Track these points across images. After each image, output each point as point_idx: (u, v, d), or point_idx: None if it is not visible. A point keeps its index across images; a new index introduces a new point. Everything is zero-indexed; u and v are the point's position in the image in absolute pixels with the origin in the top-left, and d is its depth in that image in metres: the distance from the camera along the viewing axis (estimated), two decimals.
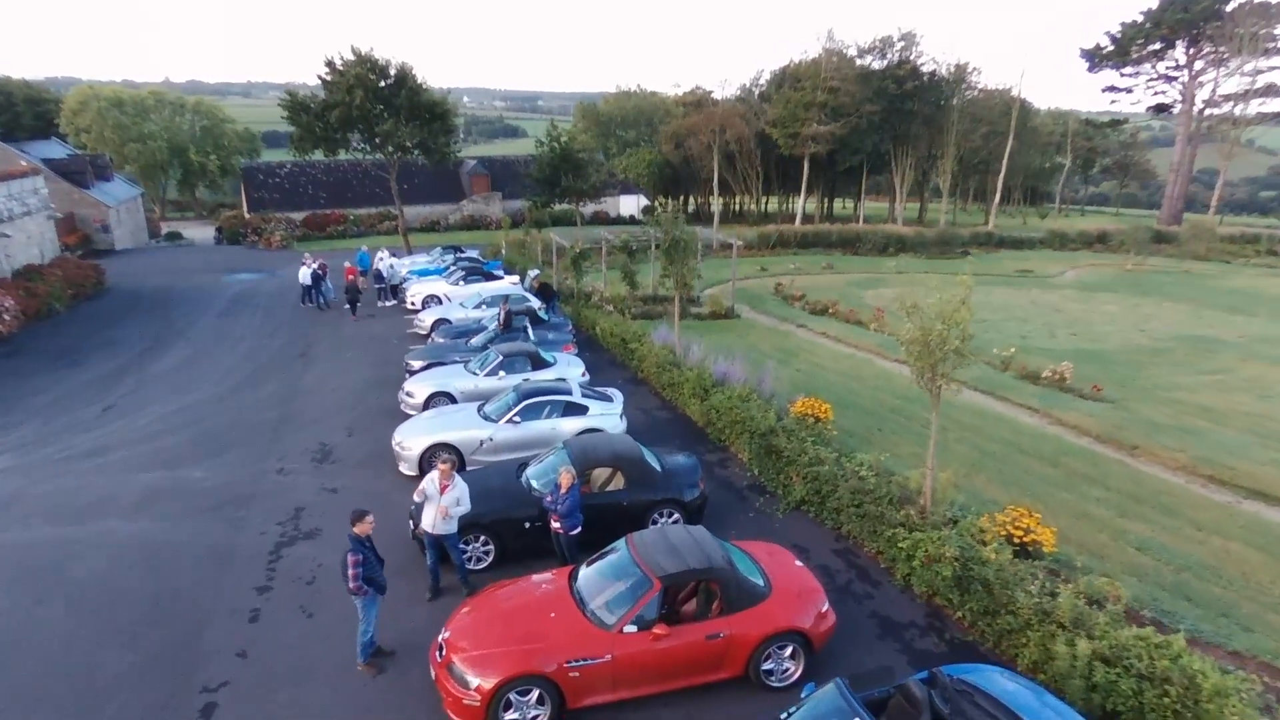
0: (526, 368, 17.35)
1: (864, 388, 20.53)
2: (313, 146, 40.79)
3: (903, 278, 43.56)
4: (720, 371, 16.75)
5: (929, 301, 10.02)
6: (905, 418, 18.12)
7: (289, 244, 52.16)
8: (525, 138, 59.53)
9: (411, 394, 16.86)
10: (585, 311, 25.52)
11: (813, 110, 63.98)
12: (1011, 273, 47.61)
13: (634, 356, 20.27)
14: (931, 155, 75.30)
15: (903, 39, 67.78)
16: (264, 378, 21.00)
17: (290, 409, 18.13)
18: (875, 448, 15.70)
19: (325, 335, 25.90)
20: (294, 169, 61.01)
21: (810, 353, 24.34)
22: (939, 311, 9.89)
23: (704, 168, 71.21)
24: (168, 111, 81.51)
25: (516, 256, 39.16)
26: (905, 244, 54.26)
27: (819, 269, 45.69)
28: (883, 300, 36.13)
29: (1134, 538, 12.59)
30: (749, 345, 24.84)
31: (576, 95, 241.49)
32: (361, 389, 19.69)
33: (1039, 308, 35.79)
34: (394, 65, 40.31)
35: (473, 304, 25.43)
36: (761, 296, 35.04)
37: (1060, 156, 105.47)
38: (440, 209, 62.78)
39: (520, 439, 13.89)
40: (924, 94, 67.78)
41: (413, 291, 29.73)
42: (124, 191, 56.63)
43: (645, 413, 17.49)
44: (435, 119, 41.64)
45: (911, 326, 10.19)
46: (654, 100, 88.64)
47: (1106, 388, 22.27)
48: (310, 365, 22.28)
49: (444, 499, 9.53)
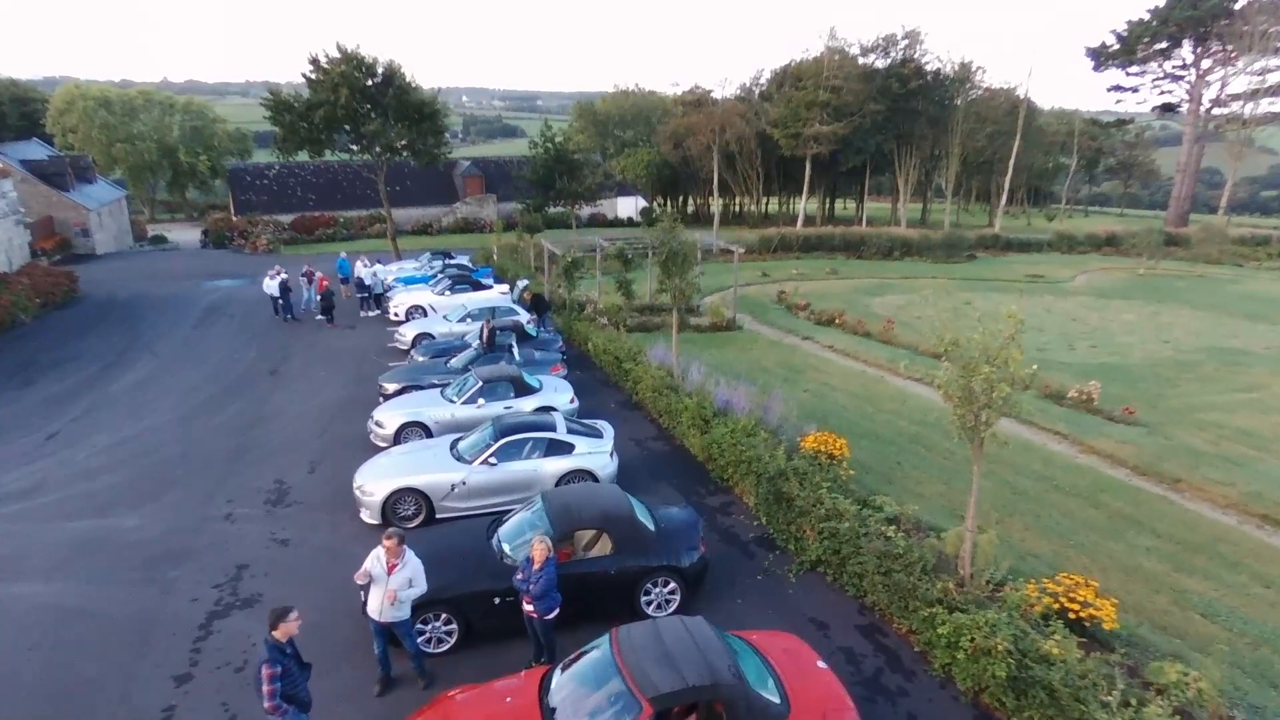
0: (509, 394, 15.74)
1: (879, 411, 18.93)
2: (296, 147, 39.23)
3: (908, 284, 42.01)
4: (722, 399, 15.14)
5: (973, 336, 8.40)
6: (926, 447, 16.52)
7: (275, 248, 50.54)
8: (524, 137, 58.26)
9: (381, 424, 15.24)
10: (577, 325, 23.90)
11: (815, 110, 62.38)
12: (1022, 278, 46.00)
13: (628, 378, 18.67)
14: (935, 155, 73.71)
15: (906, 37, 66.20)
16: (228, 399, 19.39)
17: (251, 437, 16.51)
18: (896, 487, 14.14)
19: (300, 350, 24.29)
20: (282, 170, 59.36)
21: (818, 370, 22.73)
22: (984, 348, 8.27)
23: (703, 168, 69.59)
24: (157, 111, 79.82)
25: (509, 262, 37.56)
26: (911, 247, 52.67)
27: (823, 274, 44.09)
28: (890, 308, 34.61)
29: (1197, 599, 11.00)
30: (752, 361, 23.26)
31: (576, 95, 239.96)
32: (332, 412, 18.09)
33: (1054, 316, 34.20)
34: (381, 64, 38.72)
35: (457, 317, 23.81)
36: (764, 305, 33.44)
37: (1064, 157, 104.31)
38: (433, 211, 61.15)
39: (497, 482, 12.29)
40: (928, 93, 66.20)
41: (396, 302, 28.10)
42: (107, 194, 54.98)
43: (639, 444, 15.88)
44: (424, 119, 40.06)
45: (951, 368, 8.57)
46: (652, 100, 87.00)
47: (1136, 408, 20.70)
48: (280, 384, 20.67)
49: (392, 581, 7.90)
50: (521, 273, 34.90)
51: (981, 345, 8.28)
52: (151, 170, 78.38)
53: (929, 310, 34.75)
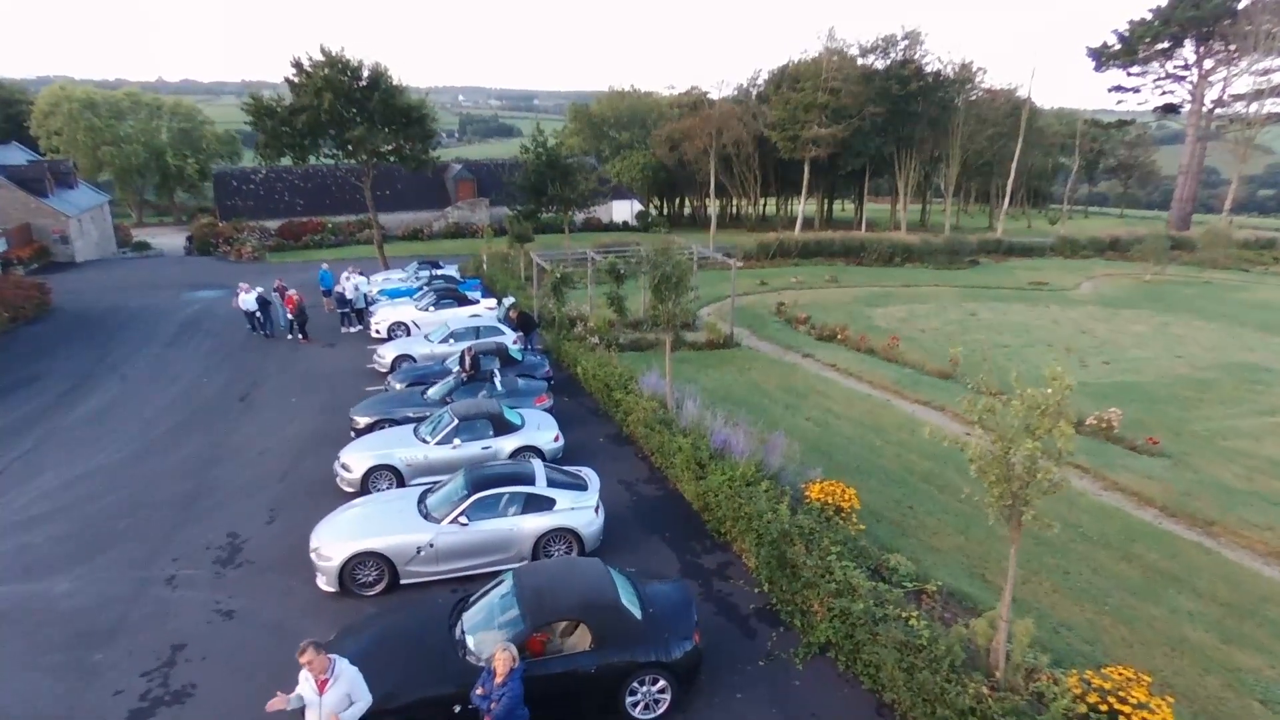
0: (487, 432, 14.49)
1: (886, 443, 17.69)
2: (278, 154, 37.90)
3: (910, 293, 40.83)
4: (719, 439, 13.89)
5: (1013, 402, 7.16)
6: (938, 487, 15.30)
7: (261, 255, 49.21)
8: (520, 137, 57.17)
9: (348, 467, 13.97)
10: (566, 345, 22.61)
11: (813, 112, 61.18)
12: (1025, 285, 44.85)
13: (619, 408, 17.42)
14: (935, 158, 72.56)
15: (906, 37, 64.99)
16: (191, 430, 18.11)
17: (209, 478, 15.24)
18: (910, 539, 12.92)
19: (274, 372, 23.01)
20: (270, 174, 58.03)
21: (821, 393, 21.50)
22: (1027, 416, 7.03)
23: (700, 171, 68.37)
24: (144, 113, 78.43)
25: (499, 273, 36.26)
26: (912, 253, 51.48)
27: (822, 281, 42.90)
28: (893, 320, 33.43)
29: (1251, 680, 9.80)
30: (751, 384, 22.04)
31: (572, 94, 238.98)
32: (300, 447, 16.82)
33: (1062, 328, 33.02)
34: (367, 66, 37.40)
35: (439, 337, 22.54)
36: (762, 318, 32.21)
37: (1065, 157, 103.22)
38: (424, 216, 59.90)
39: (469, 544, 11.04)
40: (928, 95, 65.01)
41: (378, 318, 26.80)
42: (88, 199, 53.56)
43: (629, 487, 14.61)
44: (412, 123, 38.77)
45: (984, 437, 7.34)
46: (648, 101, 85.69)
47: (1157, 433, 19.53)
48: (249, 412, 19.40)
49: (327, 702, 6.65)
50: (511, 284, 33.64)
51: (1024, 414, 7.03)
52: (139, 173, 76.97)
53: (933, 322, 33.66)
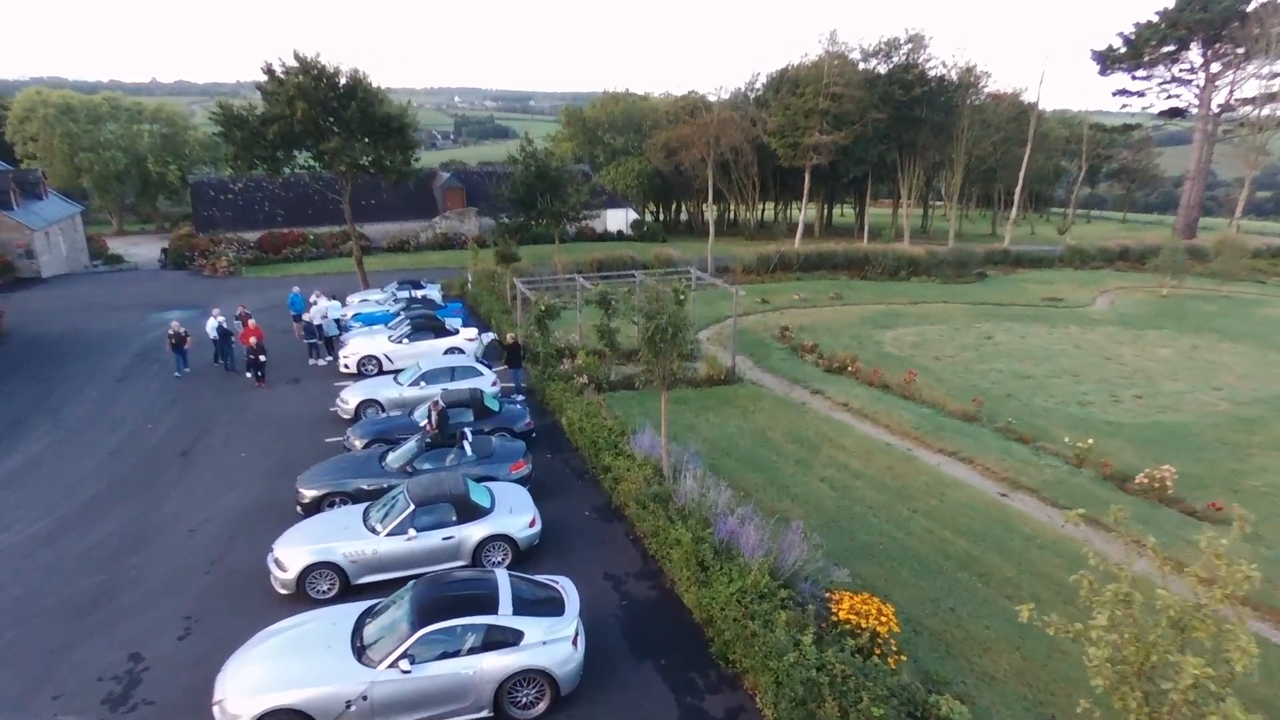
0: (449, 518, 12.22)
1: (915, 514, 15.46)
2: (249, 165, 35.57)
3: (919, 311, 38.69)
4: (726, 530, 11.65)
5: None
6: (980, 577, 13.08)
7: (237, 269, 46.89)
8: (515, 138, 55.23)
9: (282, 564, 11.71)
10: (550, 388, 20.34)
11: (814, 118, 58.98)
12: (1039, 301, 42.80)
13: (608, 474, 15.18)
14: (938, 163, 70.49)
15: (910, 40, 62.95)
16: (118, 498, 15.82)
17: (124, 569, 12.95)
18: (958, 661, 10.70)
19: (226, 417, 20.71)
20: (249, 184, 55.59)
21: (835, 443, 19.27)
22: (1180, 615, 4.83)
23: (697, 177, 66.18)
24: (125, 118, 75.90)
25: (484, 294, 34.00)
26: (918, 266, 49.42)
27: (826, 298, 40.77)
28: (904, 345, 31.28)
29: None
30: (756, 431, 19.82)
31: (568, 95, 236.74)
32: (238, 523, 14.53)
33: (1085, 354, 30.90)
34: (344, 73, 35.07)
35: (410, 378, 20.26)
36: (765, 344, 30.01)
37: (1066, 161, 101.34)
38: (410, 226, 57.59)
39: (414, 694, 8.77)
40: (933, 99, 62.91)
41: (347, 351, 24.45)
42: (57, 211, 51.17)
43: (617, 585, 12.31)
44: (392, 133, 36.45)
45: (1104, 641, 5.12)
46: (644, 105, 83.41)
47: (1213, 491, 17.40)
48: (189, 471, 17.12)
49: None
50: (496, 307, 31.41)
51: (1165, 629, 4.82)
52: (119, 180, 74.43)
53: (947, 348, 31.51)
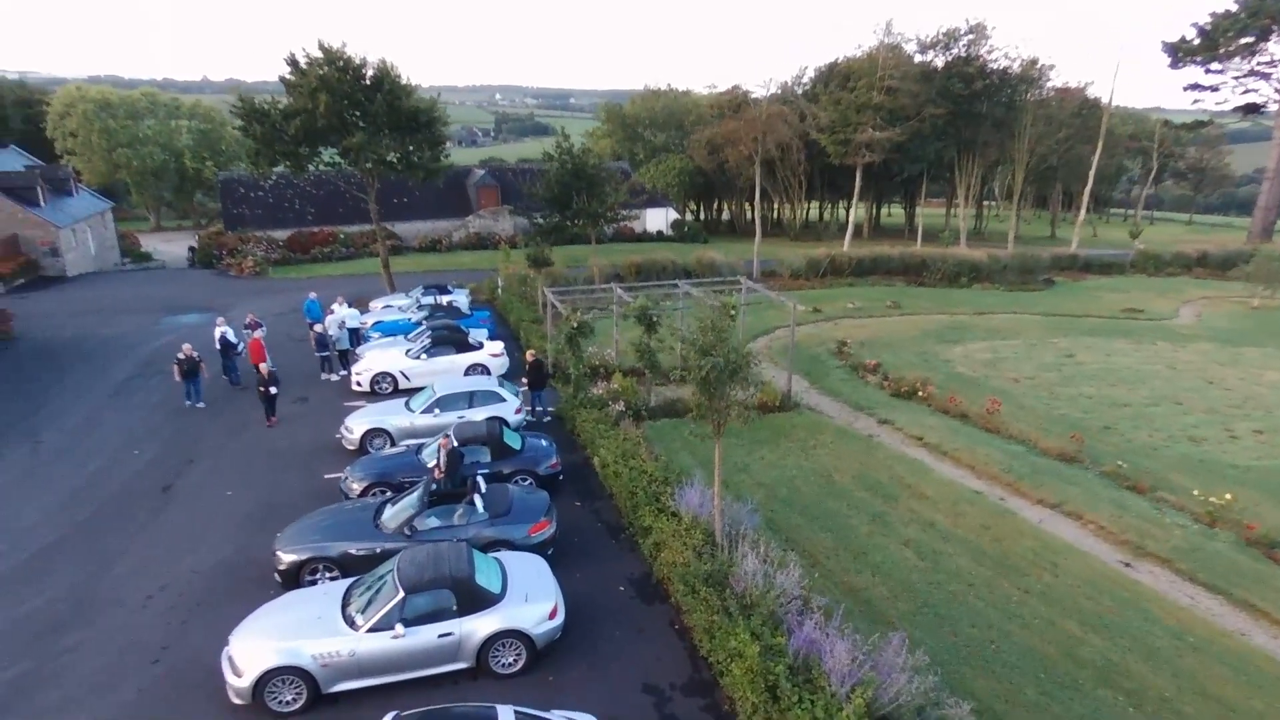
0: (450, 608, 9.64)
1: (1027, 595, 12.51)
2: (270, 162, 33.58)
3: (987, 323, 35.36)
4: (803, 639, 8.91)
5: None
6: (1133, 699, 10.13)
7: (263, 270, 45.18)
8: (556, 136, 53.74)
9: (237, 666, 9.24)
10: (581, 419, 17.71)
11: (867, 114, 55.55)
12: (1118, 312, 39.18)
13: (647, 536, 12.52)
14: (999, 162, 66.52)
15: (971, 31, 59.16)
16: (73, 550, 13.57)
17: (51, 655, 10.61)
18: None
19: (216, 445, 18.46)
20: (279, 181, 53.93)
21: (915, 490, 16.35)
22: None
23: (740, 175, 63.17)
24: (162, 114, 75.39)
25: (514, 300, 31.56)
26: (979, 272, 45.97)
27: (883, 308, 37.66)
28: (976, 364, 28.11)
29: None
30: (820, 474, 16.99)
31: (608, 93, 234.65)
32: (199, 592, 12.12)
33: (1183, 377, 27.42)
34: (371, 64, 32.92)
35: (423, 404, 17.80)
36: (821, 361, 27.08)
37: (1129, 159, 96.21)
38: (442, 225, 55.58)
39: None
40: (993, 94, 59.11)
41: (360, 367, 22.11)
42: (86, 207, 50.06)
43: (660, 704, 9.42)
44: (420, 128, 34.19)
45: None
46: (685, 100, 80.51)
47: None
48: (162, 515, 14.85)
49: None
50: (526, 316, 28.95)
51: None
52: (156, 176, 73.90)
53: (1025, 367, 28.25)
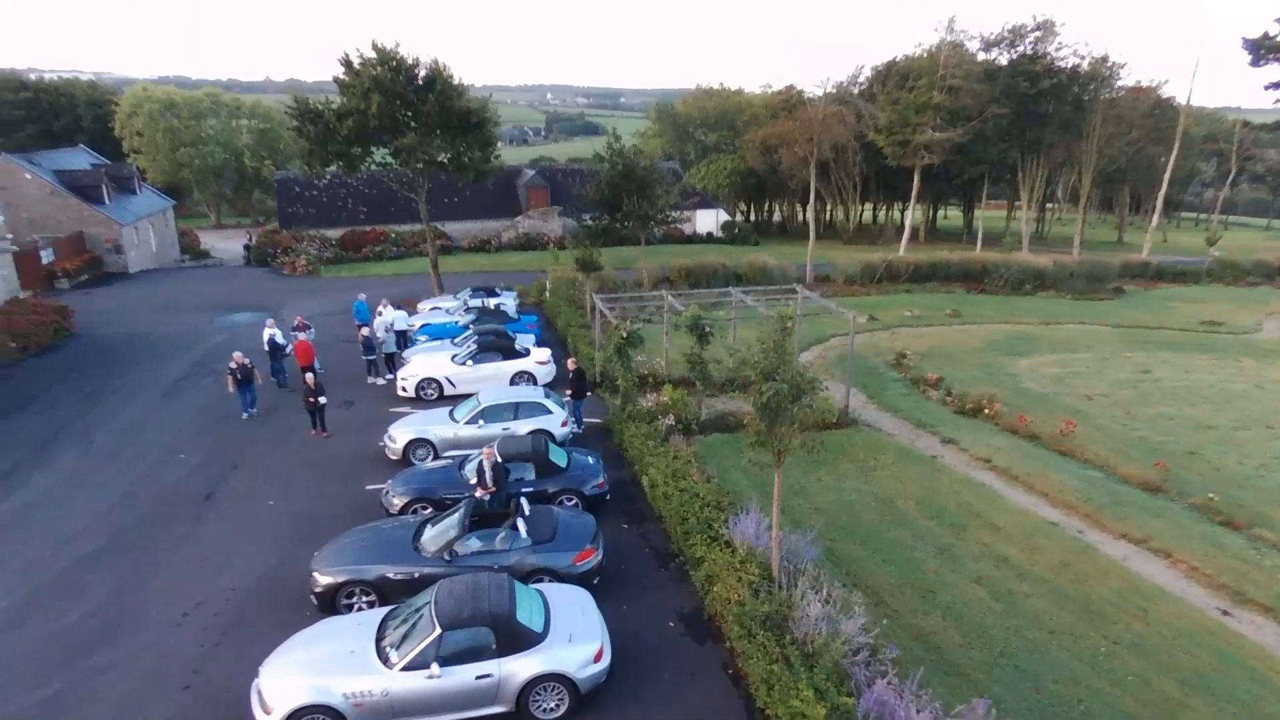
0: (487, 648, 8.98)
1: (1119, 650, 11.36)
2: (323, 162, 33.69)
3: (1054, 334, 33.67)
4: (873, 701, 8.07)
5: None
6: None
7: (315, 269, 45.58)
8: (605, 135, 53.38)
9: (266, 702, 8.70)
10: (629, 433, 17.03)
11: (927, 114, 53.74)
12: (1195, 325, 36.99)
13: (699, 567, 11.77)
14: (1064, 164, 63.94)
15: (1039, 28, 56.84)
16: (113, 559, 13.35)
17: (82, 675, 10.28)
18: None
19: (261, 450, 18.26)
20: (333, 180, 54.51)
21: (984, 519, 15.26)
22: None
23: (793, 177, 61.85)
24: (224, 113, 77.20)
25: (562, 304, 31.06)
26: (1044, 279, 44.05)
27: (943, 316, 36.19)
28: (1044, 378, 26.64)
29: None
30: (881, 499, 16.01)
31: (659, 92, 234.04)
32: (235, 611, 11.72)
33: (1272, 397, 25.53)
34: (424, 64, 32.74)
35: (467, 414, 17.31)
36: (879, 374, 25.95)
37: (1203, 162, 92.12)
38: (492, 226, 55.50)
39: None
40: (1061, 93, 56.68)
41: (406, 372, 21.79)
42: (148, 205, 51.27)
43: None
44: (471, 129, 33.91)
45: None
46: (737, 100, 79.37)
47: None
48: (203, 525, 14.61)
49: None
50: (574, 320, 28.42)
51: None
52: (216, 175, 75.70)
53: (1098, 384, 26.67)
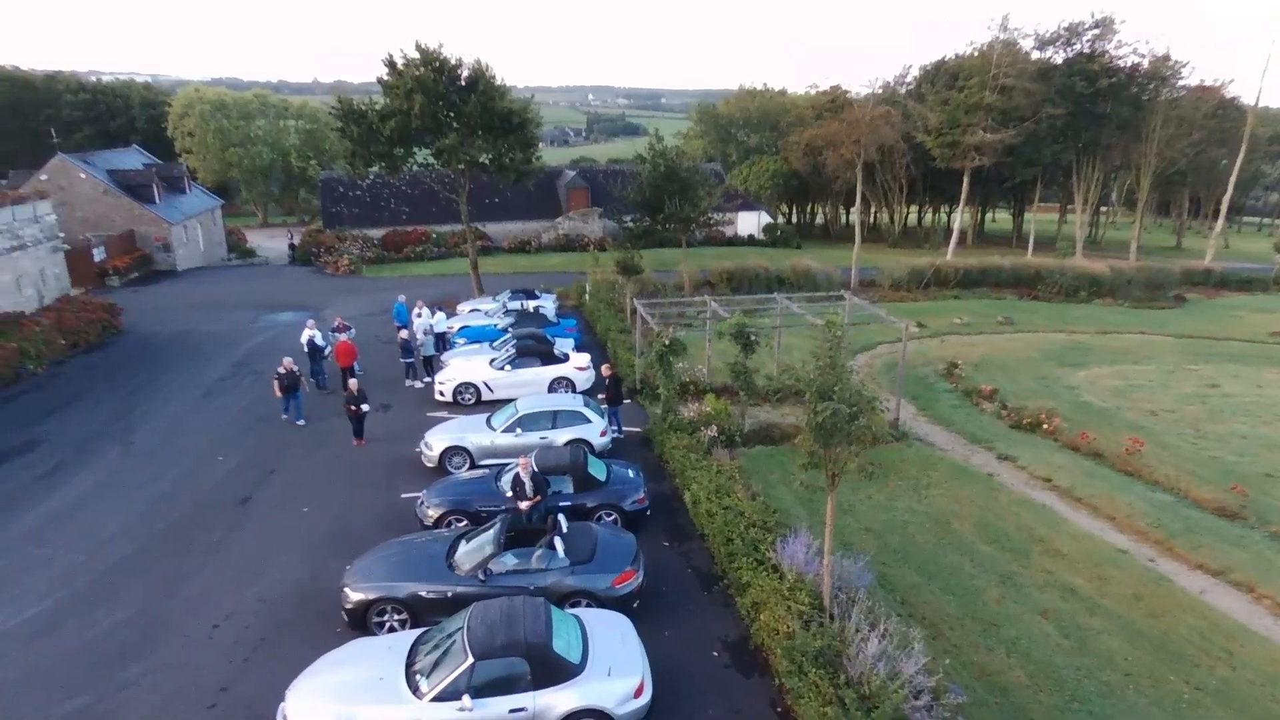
0: (522, 680, 8.48)
1: (1202, 697, 10.40)
2: (366, 163, 33.76)
3: (1113, 344, 32.24)
4: None
5: None
6: None
7: (357, 268, 45.82)
8: (645, 136, 52.96)
9: None
10: (670, 444, 16.44)
11: (978, 114, 52.18)
12: (1265, 336, 35.20)
13: (745, 593, 11.14)
14: (1121, 167, 61.73)
15: (1097, 25, 54.85)
16: (142, 568, 13.14)
17: (111, 687, 10.03)
18: None
19: (299, 454, 18.07)
20: (376, 180, 54.88)
21: (1046, 545, 14.35)
22: None
23: (837, 179, 60.69)
24: (272, 114, 78.48)
25: (602, 307, 30.59)
26: (1100, 286, 42.40)
27: (994, 323, 34.96)
28: (1104, 391, 25.40)
29: None
30: (936, 519, 15.18)
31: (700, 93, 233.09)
32: (266, 623, 11.42)
33: None
34: (467, 65, 32.58)
35: (504, 422, 16.88)
36: (929, 383, 24.98)
37: (1267, 164, 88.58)
38: (532, 226, 55.32)
39: None
40: (1119, 93, 54.61)
41: (443, 376, 21.48)
42: (197, 204, 52.13)
43: None
44: (512, 130, 33.66)
45: None
46: (780, 101, 78.31)
47: None
48: (237, 531, 14.40)
49: None
50: (614, 325, 27.92)
51: None
52: (264, 175, 76.95)
53: (1163, 398, 25.34)
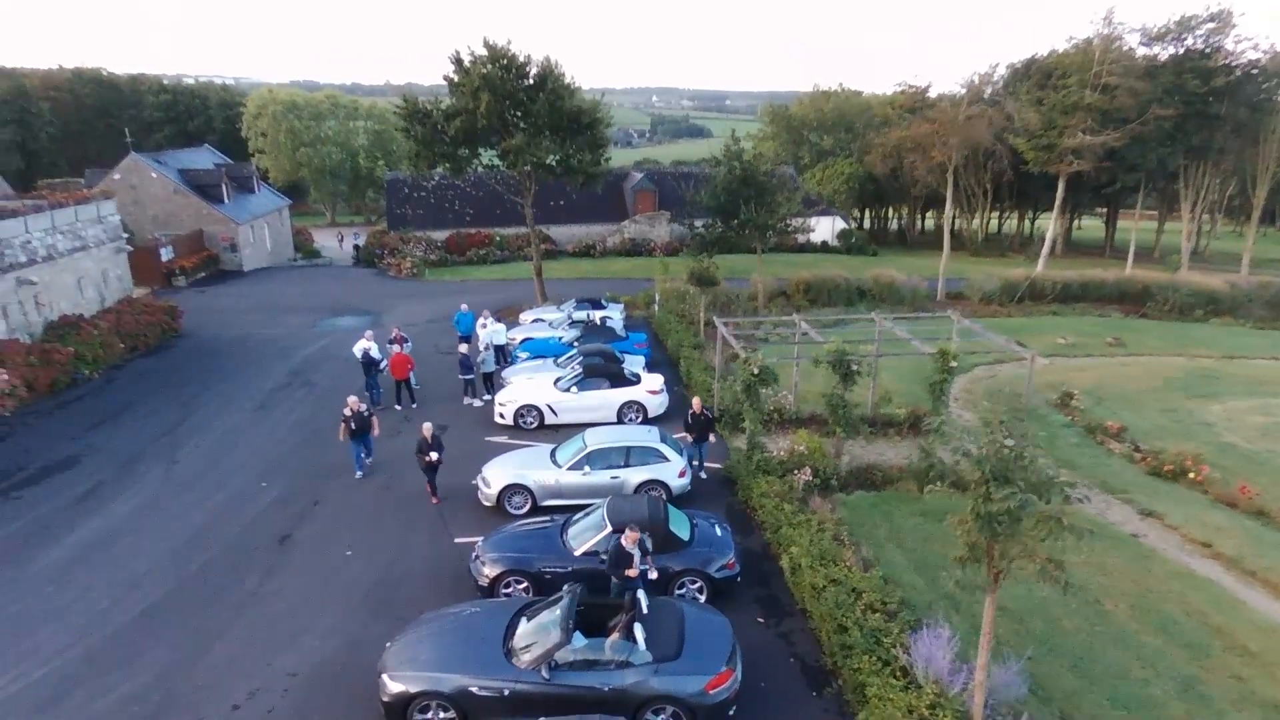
0: None
1: None
2: (430, 164, 32.52)
3: (1244, 371, 28.69)
4: None
5: None
6: None
7: (419, 271, 44.86)
8: (709, 138, 50.70)
9: None
10: (759, 489, 14.28)
11: (1077, 115, 48.30)
12: None
13: (866, 705, 8.95)
14: (1233, 172, 56.77)
15: (1212, 19, 50.37)
16: (165, 622, 11.60)
17: None
18: None
19: (346, 484, 16.49)
20: (441, 181, 53.99)
21: (1231, 642, 11.70)
22: None
23: (916, 183, 57.43)
24: (342, 115, 79.04)
25: (672, 321, 28.57)
26: (1219, 303, 38.49)
27: (1103, 344, 31.65)
28: (1248, 428, 22.09)
29: None
30: (1084, 597, 12.64)
31: (765, 95, 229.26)
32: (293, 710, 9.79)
33: None
34: (535, 63, 31.02)
35: (570, 458, 14.95)
36: (1042, 416, 22.14)
37: None
38: (597, 230, 53.69)
39: None
40: (1236, 93, 50.00)
41: (504, 398, 19.69)
42: (266, 204, 52.14)
43: None
44: (581, 130, 31.97)
45: None
46: (857, 102, 75.09)
47: None
48: (274, 578, 12.83)
49: None
50: (686, 340, 25.85)
51: None
52: (333, 175, 77.49)
53: None
